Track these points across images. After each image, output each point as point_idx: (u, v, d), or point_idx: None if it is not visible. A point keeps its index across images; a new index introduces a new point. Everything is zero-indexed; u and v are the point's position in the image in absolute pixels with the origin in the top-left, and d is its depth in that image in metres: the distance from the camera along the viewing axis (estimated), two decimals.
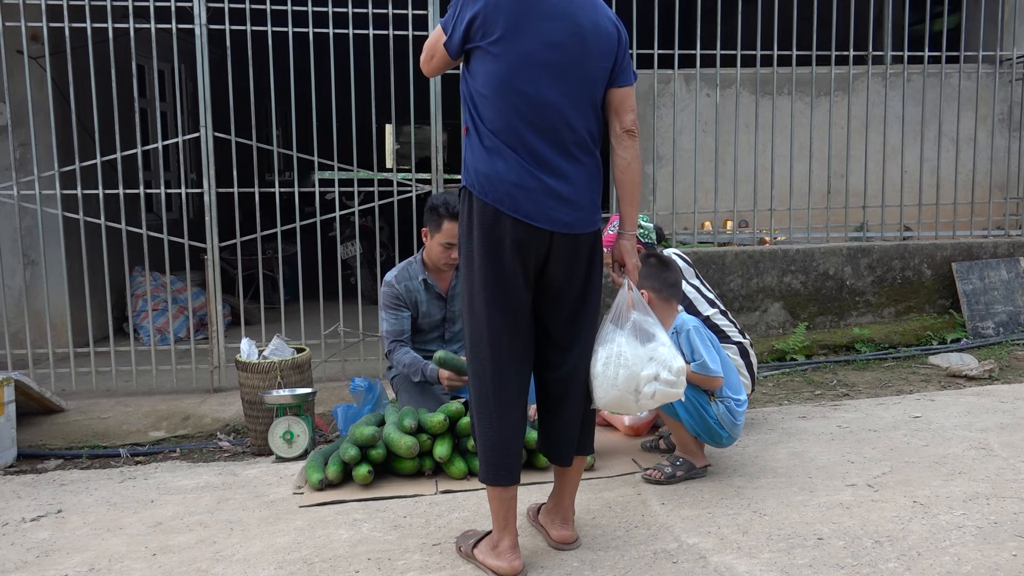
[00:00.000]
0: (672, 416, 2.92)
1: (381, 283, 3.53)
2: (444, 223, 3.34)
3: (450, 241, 3.33)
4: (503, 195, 2.15)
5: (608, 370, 2.27)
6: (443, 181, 4.75)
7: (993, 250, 5.49)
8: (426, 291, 3.49)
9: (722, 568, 2.27)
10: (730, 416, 2.91)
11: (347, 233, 6.73)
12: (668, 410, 2.90)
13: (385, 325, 3.45)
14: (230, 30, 4.34)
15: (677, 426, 2.95)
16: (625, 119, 2.28)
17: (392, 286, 3.46)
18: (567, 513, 2.44)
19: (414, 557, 2.40)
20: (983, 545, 2.35)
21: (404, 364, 3.37)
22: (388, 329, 3.44)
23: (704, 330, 2.99)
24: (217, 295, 4.52)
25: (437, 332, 3.56)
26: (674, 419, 2.93)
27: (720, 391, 2.91)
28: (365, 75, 4.52)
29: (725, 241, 5.47)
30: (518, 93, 2.14)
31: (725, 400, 2.91)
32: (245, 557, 2.45)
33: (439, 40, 2.25)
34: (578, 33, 2.17)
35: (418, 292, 3.48)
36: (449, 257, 3.38)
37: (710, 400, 2.90)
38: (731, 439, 2.98)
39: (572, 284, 2.27)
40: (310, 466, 3.02)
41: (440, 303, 3.53)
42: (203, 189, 4.43)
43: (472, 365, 2.27)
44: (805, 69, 5.48)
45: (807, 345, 4.95)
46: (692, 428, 2.92)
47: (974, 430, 3.43)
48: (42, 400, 3.92)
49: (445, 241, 3.35)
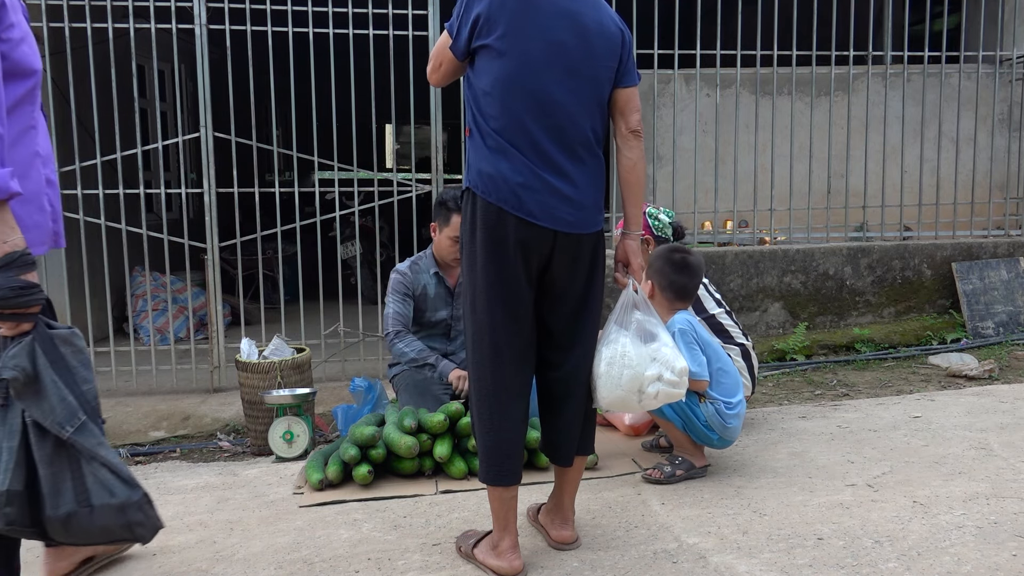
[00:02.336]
0: (661, 417, 2.92)
1: (389, 276, 3.54)
2: (452, 217, 3.38)
3: (458, 235, 3.35)
4: (507, 194, 2.15)
5: (612, 370, 2.27)
6: (443, 181, 4.75)
7: (993, 250, 5.49)
8: (437, 284, 3.51)
9: (722, 568, 2.27)
10: (720, 419, 2.88)
11: (347, 233, 6.73)
12: (657, 411, 2.90)
13: (390, 308, 3.46)
14: (230, 30, 4.35)
15: (669, 425, 2.95)
16: (631, 119, 2.29)
17: (404, 274, 3.48)
18: (567, 513, 2.44)
19: (414, 557, 2.40)
20: (983, 545, 2.35)
21: (415, 349, 3.38)
22: (393, 311, 3.44)
23: (693, 332, 2.92)
24: (217, 295, 4.53)
25: (441, 329, 3.57)
26: (664, 419, 2.93)
27: (708, 392, 2.89)
28: (365, 75, 4.52)
29: (725, 241, 5.48)
30: (524, 90, 2.14)
31: (715, 402, 2.88)
32: (245, 557, 2.45)
33: (445, 44, 2.25)
34: (582, 32, 2.17)
35: (428, 285, 3.50)
36: (457, 251, 3.40)
37: (700, 401, 2.88)
38: (723, 441, 2.95)
39: (575, 284, 2.27)
40: (310, 466, 3.02)
41: (448, 298, 3.54)
42: (203, 189, 4.44)
43: (474, 365, 2.27)
44: (805, 69, 5.48)
45: (807, 345, 4.95)
46: (683, 428, 2.92)
47: (974, 430, 3.43)
48: None
49: (454, 235, 3.37)
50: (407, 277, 3.48)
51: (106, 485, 1.73)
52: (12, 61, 1.78)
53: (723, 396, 2.91)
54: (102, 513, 1.72)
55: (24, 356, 1.68)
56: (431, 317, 3.52)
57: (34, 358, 1.69)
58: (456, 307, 3.55)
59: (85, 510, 1.71)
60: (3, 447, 1.68)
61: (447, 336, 3.59)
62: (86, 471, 1.72)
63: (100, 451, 1.73)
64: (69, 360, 1.74)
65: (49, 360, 1.70)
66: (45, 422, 1.69)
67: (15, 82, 1.80)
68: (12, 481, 1.67)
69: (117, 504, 1.73)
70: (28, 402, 1.69)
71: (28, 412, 1.69)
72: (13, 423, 1.69)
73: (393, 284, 3.49)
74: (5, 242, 1.65)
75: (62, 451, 1.71)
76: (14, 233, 1.67)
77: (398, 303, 3.46)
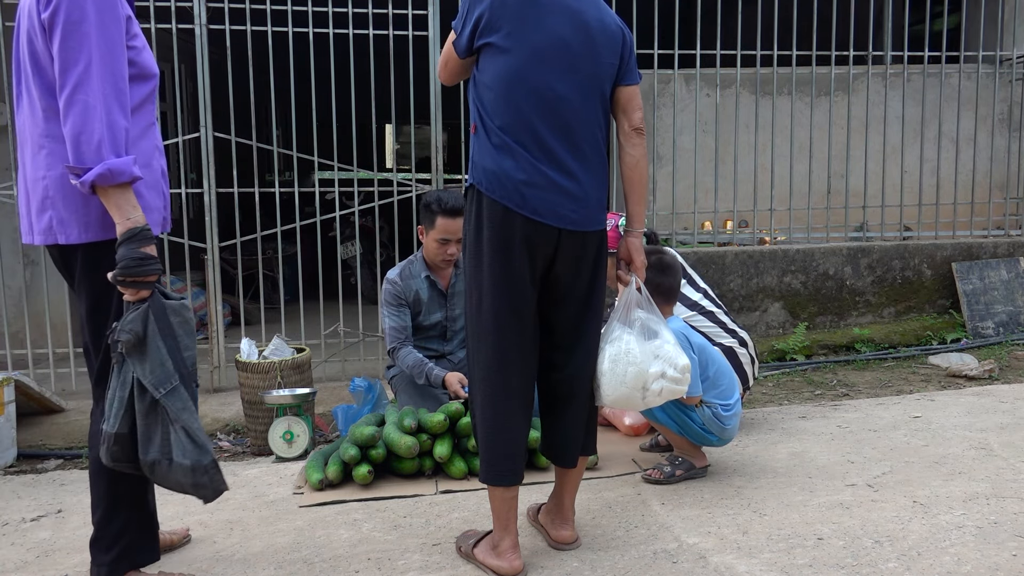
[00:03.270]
0: (656, 421, 2.92)
1: (383, 281, 3.52)
2: (437, 219, 3.35)
3: (444, 237, 3.35)
4: (511, 192, 2.15)
5: (617, 368, 2.27)
6: (443, 181, 4.74)
7: (993, 250, 5.49)
8: (429, 288, 3.49)
9: (722, 568, 2.27)
10: (718, 422, 2.88)
11: (347, 233, 6.73)
12: (650, 416, 2.89)
13: (387, 322, 3.44)
14: (230, 30, 4.34)
15: (665, 429, 2.95)
16: (633, 117, 2.29)
17: (395, 283, 3.46)
18: (567, 513, 2.44)
19: (414, 557, 2.40)
20: (983, 545, 2.35)
21: (408, 365, 3.36)
22: (391, 326, 3.43)
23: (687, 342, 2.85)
24: (217, 295, 4.52)
25: (437, 331, 3.56)
26: (659, 424, 2.93)
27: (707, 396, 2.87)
28: (365, 75, 4.52)
29: (725, 241, 5.47)
30: (529, 87, 2.15)
31: (711, 406, 2.87)
32: (245, 557, 2.45)
33: (451, 42, 2.26)
34: (585, 29, 2.18)
35: (421, 290, 3.48)
36: (445, 253, 3.39)
37: (695, 407, 2.87)
38: (723, 441, 2.95)
39: (578, 283, 2.27)
40: (310, 466, 3.02)
41: (441, 300, 3.53)
42: (203, 189, 4.43)
43: (476, 365, 2.27)
44: (805, 69, 5.48)
45: (807, 345, 4.95)
46: (680, 432, 2.91)
47: (974, 430, 3.43)
48: (42, 400, 3.92)
49: (440, 237, 3.36)
50: (398, 286, 3.45)
51: (181, 446, 1.96)
52: (138, 66, 2.05)
53: (720, 399, 2.89)
54: (176, 469, 1.96)
55: (139, 321, 1.92)
56: (426, 320, 3.52)
57: (146, 324, 1.93)
58: (450, 308, 3.55)
59: (166, 461, 1.96)
60: (116, 396, 1.95)
61: (443, 337, 3.58)
62: (171, 428, 1.97)
63: (183, 415, 1.97)
64: (176, 329, 1.99)
65: (159, 327, 1.95)
66: (144, 381, 1.94)
67: (139, 84, 2.07)
68: (120, 425, 1.95)
69: (188, 465, 1.96)
70: (135, 361, 1.94)
71: (134, 370, 1.94)
72: (126, 376, 1.95)
73: (386, 296, 3.46)
74: (128, 219, 1.92)
75: (156, 407, 1.96)
76: (136, 211, 1.93)
77: (393, 316, 3.44)
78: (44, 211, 2.02)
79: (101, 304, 2.04)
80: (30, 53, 1.98)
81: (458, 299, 3.54)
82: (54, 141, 1.98)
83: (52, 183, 1.99)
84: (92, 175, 1.88)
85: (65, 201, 1.99)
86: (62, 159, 1.96)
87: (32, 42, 1.96)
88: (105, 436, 1.96)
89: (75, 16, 1.89)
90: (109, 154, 1.89)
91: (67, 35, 1.88)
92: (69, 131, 1.89)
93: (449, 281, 3.53)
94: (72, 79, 1.88)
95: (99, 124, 1.88)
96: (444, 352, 3.57)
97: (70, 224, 1.99)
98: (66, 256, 2.05)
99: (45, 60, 1.95)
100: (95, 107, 1.88)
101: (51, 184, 2.00)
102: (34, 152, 2.03)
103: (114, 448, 1.96)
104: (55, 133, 1.98)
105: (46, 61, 1.95)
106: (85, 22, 1.89)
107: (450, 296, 3.54)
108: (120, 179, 1.90)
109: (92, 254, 2.01)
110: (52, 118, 1.98)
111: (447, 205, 3.32)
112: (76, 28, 1.88)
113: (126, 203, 1.92)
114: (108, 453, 1.97)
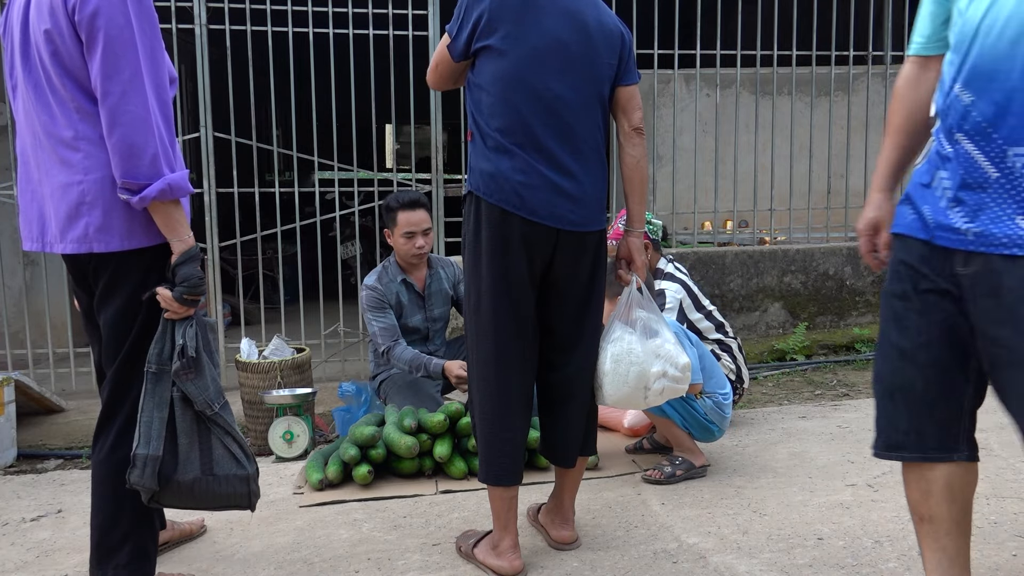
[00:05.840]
0: (661, 415, 2.93)
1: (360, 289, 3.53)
2: (399, 215, 3.41)
3: (409, 230, 3.41)
4: (509, 193, 2.15)
5: (619, 367, 2.28)
6: (443, 181, 4.75)
7: None
8: (407, 291, 3.51)
9: (722, 568, 2.27)
10: (718, 411, 2.97)
11: (347, 233, 6.73)
12: (655, 409, 2.91)
13: (375, 326, 3.44)
14: (230, 30, 4.35)
15: (668, 424, 2.96)
16: (633, 117, 2.29)
17: (375, 288, 3.47)
18: (567, 513, 2.44)
19: (414, 557, 2.40)
20: (983, 545, 2.35)
21: (406, 360, 3.37)
22: (381, 328, 3.43)
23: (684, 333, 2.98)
24: (217, 295, 4.53)
25: (419, 334, 3.57)
26: (663, 417, 2.94)
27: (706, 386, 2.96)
28: (365, 75, 4.52)
29: (725, 241, 5.48)
30: (527, 88, 2.14)
31: (712, 395, 2.96)
32: (245, 557, 2.45)
33: (444, 45, 2.25)
34: (583, 30, 2.18)
35: (400, 293, 3.50)
36: (414, 247, 3.42)
37: (697, 397, 2.93)
38: (721, 431, 3.04)
39: (577, 283, 2.27)
40: (310, 466, 3.02)
41: (419, 302, 3.55)
42: (203, 189, 4.43)
43: (476, 366, 2.27)
44: (805, 69, 5.48)
45: (807, 345, 4.95)
46: (684, 424, 2.95)
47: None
48: (42, 400, 3.92)
49: (405, 231, 3.41)
50: (378, 290, 3.46)
51: (236, 457, 1.98)
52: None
53: (718, 389, 3.00)
54: (228, 481, 1.97)
55: (195, 337, 1.94)
56: (407, 323, 3.53)
57: (197, 340, 1.95)
58: (429, 309, 3.56)
59: (209, 478, 1.95)
60: (155, 417, 1.91)
61: (425, 339, 3.59)
62: (215, 443, 1.97)
63: (235, 427, 1.99)
64: (212, 344, 2.01)
65: (203, 343, 1.97)
66: (198, 398, 1.93)
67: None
68: (162, 447, 1.91)
69: (244, 475, 1.98)
70: (190, 379, 1.92)
71: (183, 387, 1.92)
72: (163, 396, 1.92)
73: (367, 301, 3.46)
74: (186, 237, 1.91)
75: (197, 424, 1.96)
76: (187, 228, 1.92)
77: (379, 318, 3.44)
78: (78, 217, 1.88)
79: (128, 313, 1.94)
80: (51, 52, 1.84)
81: (435, 299, 3.58)
82: (91, 144, 1.86)
83: (91, 187, 1.87)
84: (153, 191, 1.81)
85: (106, 207, 1.87)
86: (102, 163, 1.85)
87: (53, 40, 1.83)
88: (142, 460, 1.88)
89: (119, 21, 1.79)
90: (164, 168, 1.82)
91: (110, 41, 1.78)
92: (118, 143, 1.80)
93: (424, 282, 3.55)
94: (117, 87, 1.79)
95: (152, 137, 1.81)
96: (429, 353, 3.57)
97: (110, 232, 1.88)
98: (98, 264, 1.92)
99: (73, 60, 1.83)
100: (146, 119, 1.81)
101: (89, 188, 1.87)
102: (61, 155, 1.89)
103: (147, 471, 1.89)
104: (91, 135, 1.86)
105: (74, 61, 1.83)
106: (127, 28, 1.80)
107: (427, 297, 3.56)
108: (178, 195, 1.85)
109: (129, 262, 1.91)
110: (87, 119, 1.86)
111: (404, 199, 3.42)
112: (120, 33, 1.79)
113: (181, 219, 1.89)
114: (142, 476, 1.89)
